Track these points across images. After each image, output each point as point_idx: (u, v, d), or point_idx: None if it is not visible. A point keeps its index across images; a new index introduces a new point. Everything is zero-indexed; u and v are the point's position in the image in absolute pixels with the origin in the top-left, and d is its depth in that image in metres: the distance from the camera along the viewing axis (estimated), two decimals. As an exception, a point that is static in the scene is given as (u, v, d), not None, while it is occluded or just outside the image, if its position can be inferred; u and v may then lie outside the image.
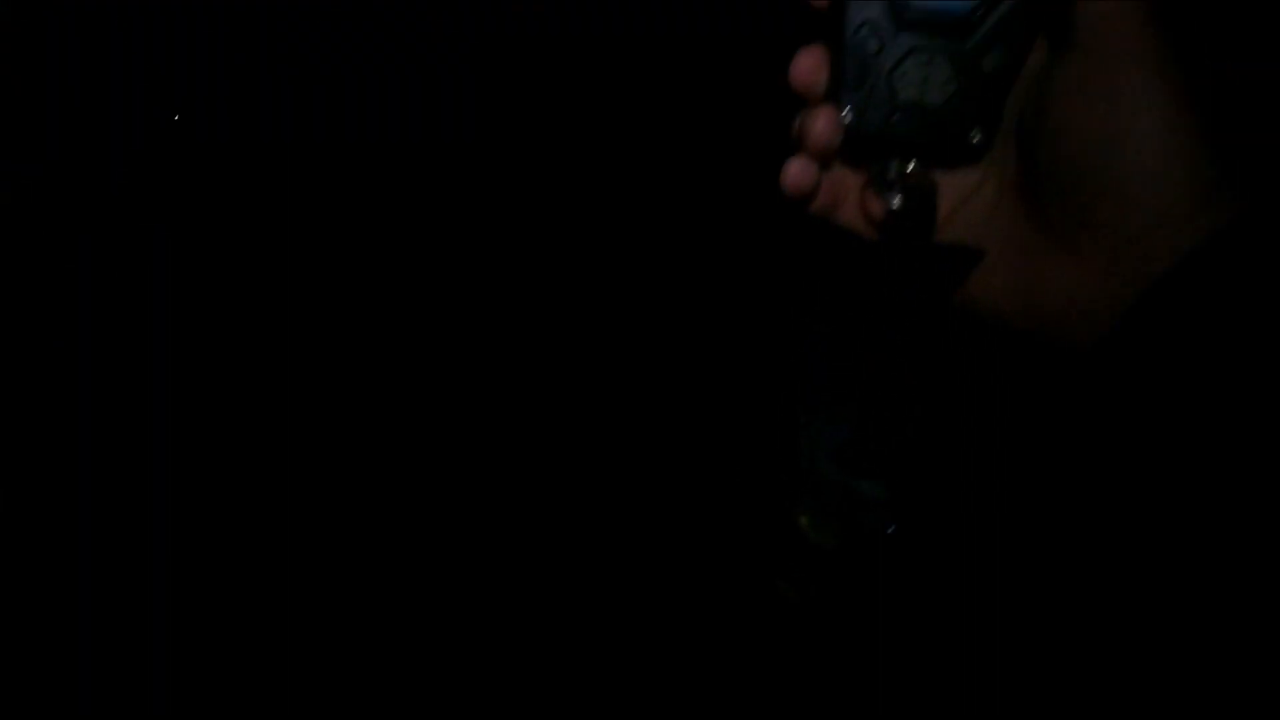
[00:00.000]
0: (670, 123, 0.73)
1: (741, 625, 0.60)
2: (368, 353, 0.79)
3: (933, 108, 0.27)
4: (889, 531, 0.27)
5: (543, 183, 0.76)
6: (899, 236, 0.28)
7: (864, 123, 0.27)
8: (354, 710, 0.69)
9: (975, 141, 0.27)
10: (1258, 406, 0.21)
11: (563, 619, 0.68)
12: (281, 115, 0.79)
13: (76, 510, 0.75)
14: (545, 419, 0.74)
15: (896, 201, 0.28)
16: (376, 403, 0.78)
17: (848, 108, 0.27)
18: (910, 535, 0.27)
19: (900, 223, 0.28)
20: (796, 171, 0.27)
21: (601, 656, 0.66)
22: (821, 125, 0.27)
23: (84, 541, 0.74)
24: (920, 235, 0.28)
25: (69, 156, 0.78)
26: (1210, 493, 0.21)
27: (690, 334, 0.72)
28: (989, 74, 0.26)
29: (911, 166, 0.28)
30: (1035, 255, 0.26)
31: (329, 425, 0.78)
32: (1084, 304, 0.25)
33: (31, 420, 0.77)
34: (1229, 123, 0.23)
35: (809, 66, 0.27)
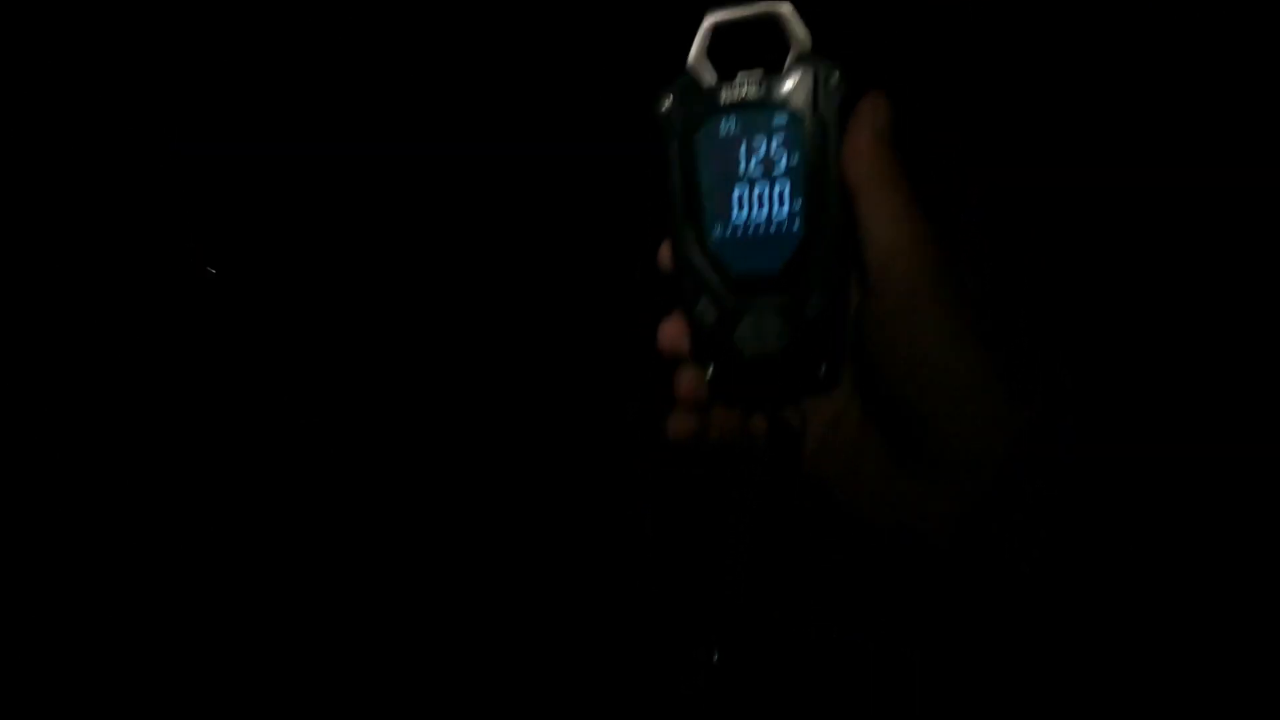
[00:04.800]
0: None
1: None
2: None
3: (775, 356, 0.30)
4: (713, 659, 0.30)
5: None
6: (773, 465, 0.32)
7: (723, 378, 0.32)
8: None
9: (823, 375, 0.31)
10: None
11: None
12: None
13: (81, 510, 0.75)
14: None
15: (765, 440, 0.32)
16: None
17: (710, 367, 0.32)
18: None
19: (773, 454, 0.32)
20: (675, 423, 0.32)
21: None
22: (687, 385, 0.32)
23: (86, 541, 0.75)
24: (790, 463, 0.32)
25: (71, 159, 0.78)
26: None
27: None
28: (815, 318, 0.30)
29: (775, 410, 0.32)
30: (892, 479, 0.30)
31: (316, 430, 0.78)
32: (933, 519, 0.28)
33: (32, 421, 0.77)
34: (1011, 330, 0.26)
35: (671, 336, 0.32)
